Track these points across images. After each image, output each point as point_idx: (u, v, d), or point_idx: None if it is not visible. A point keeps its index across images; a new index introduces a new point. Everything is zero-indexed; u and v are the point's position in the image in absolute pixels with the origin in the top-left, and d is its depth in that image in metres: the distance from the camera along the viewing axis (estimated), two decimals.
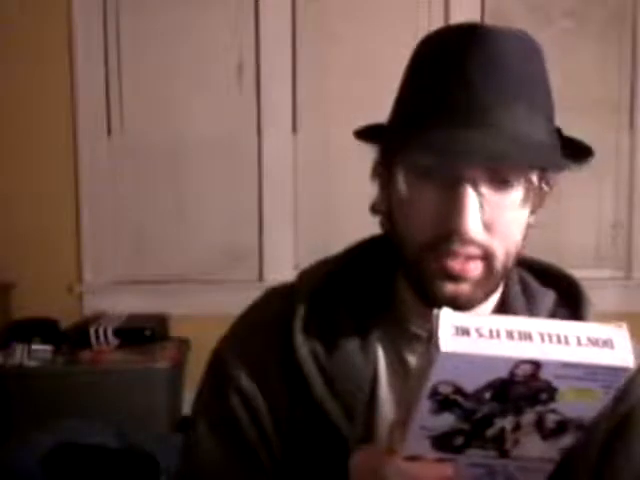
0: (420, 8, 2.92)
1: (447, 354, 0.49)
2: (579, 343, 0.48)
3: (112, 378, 2.52)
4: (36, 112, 2.89)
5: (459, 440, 0.55)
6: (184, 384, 2.73)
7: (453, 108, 0.70)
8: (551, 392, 0.50)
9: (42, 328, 2.72)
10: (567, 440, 0.55)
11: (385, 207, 0.78)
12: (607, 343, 0.48)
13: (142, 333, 2.68)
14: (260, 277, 2.99)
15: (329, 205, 2.95)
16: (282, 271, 2.71)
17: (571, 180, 0.79)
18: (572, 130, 0.75)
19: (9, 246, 2.86)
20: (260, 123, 2.92)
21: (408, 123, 0.74)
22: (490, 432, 0.54)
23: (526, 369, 0.48)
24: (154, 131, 2.94)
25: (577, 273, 0.81)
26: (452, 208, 0.69)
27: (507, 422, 0.53)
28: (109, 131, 2.95)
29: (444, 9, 2.91)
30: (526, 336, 0.49)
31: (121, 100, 2.94)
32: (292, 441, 0.78)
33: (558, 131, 0.76)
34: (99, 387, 2.49)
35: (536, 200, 0.74)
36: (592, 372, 0.48)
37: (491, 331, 0.50)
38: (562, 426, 0.53)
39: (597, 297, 0.78)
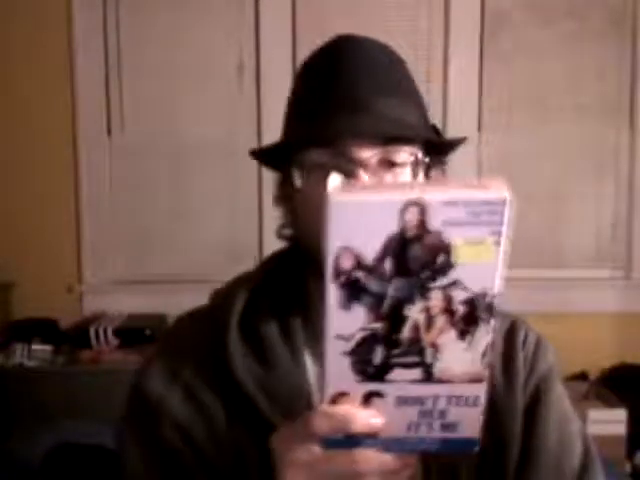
0: (420, 8, 2.92)
1: (338, 204, 0.51)
2: (457, 187, 0.52)
3: (112, 378, 2.52)
4: (36, 112, 2.89)
5: (378, 355, 0.56)
6: None
7: (331, 101, 0.76)
8: (446, 250, 0.52)
9: (42, 328, 2.72)
10: (483, 338, 0.56)
11: (290, 215, 0.83)
12: (483, 186, 0.52)
13: (142, 333, 2.68)
14: None
15: None
16: None
17: (571, 180, 0.79)
18: (572, 130, 0.76)
19: (9, 246, 2.86)
20: (260, 123, 2.92)
21: (294, 124, 0.81)
22: (405, 334, 0.55)
23: (414, 213, 0.51)
24: (154, 131, 2.94)
25: (577, 273, 0.82)
26: None
27: (417, 310, 0.54)
28: (109, 131, 2.95)
29: (444, 9, 2.91)
30: (408, 186, 0.54)
31: (121, 100, 2.94)
32: (237, 460, 0.76)
33: (434, 127, 0.83)
34: (99, 387, 2.49)
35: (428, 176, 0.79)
36: (474, 212, 0.51)
37: (375, 186, 0.57)
38: (471, 311, 0.54)
39: (597, 297, 0.79)
